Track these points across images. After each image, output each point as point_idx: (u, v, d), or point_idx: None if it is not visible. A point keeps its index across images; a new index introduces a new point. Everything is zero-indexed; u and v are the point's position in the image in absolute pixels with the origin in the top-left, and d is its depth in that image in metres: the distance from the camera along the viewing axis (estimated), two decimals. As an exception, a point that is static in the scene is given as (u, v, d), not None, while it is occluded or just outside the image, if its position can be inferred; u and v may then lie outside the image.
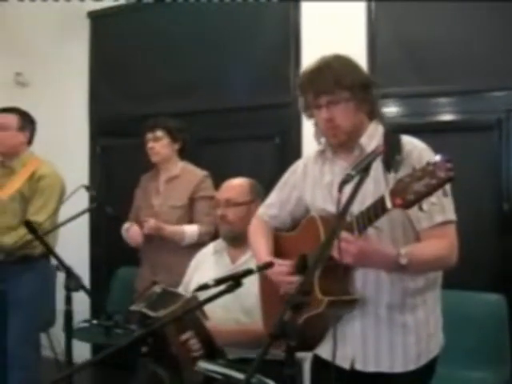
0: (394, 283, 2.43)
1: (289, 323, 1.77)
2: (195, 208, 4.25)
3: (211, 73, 5.23)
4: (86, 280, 5.93)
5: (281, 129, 4.85)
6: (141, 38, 5.61)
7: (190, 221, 4.24)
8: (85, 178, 5.94)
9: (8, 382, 3.67)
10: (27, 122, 4.25)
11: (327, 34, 4.55)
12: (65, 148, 5.96)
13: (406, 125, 4.26)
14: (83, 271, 5.98)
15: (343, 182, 2.06)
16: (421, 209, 1.95)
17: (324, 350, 2.59)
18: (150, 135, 4.33)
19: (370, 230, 2.29)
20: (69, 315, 2.92)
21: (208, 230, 4.16)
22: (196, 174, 4.32)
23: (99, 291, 5.68)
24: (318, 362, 2.64)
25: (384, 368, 2.45)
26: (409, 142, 2.41)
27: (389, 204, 2.03)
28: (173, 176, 4.34)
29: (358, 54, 4.38)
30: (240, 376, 2.32)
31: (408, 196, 1.94)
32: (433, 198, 1.93)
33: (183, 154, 4.43)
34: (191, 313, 3.01)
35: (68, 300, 2.92)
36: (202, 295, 2.51)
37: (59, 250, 5.17)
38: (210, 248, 3.62)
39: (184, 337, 3.02)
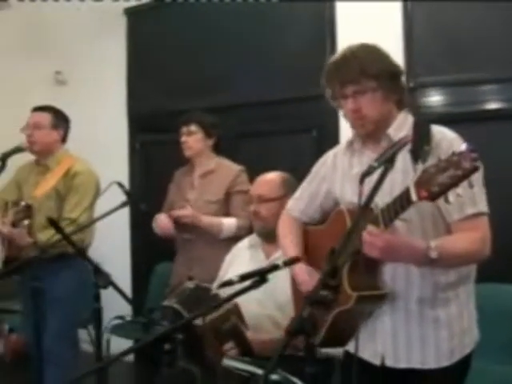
0: (424, 277, 2.36)
1: (307, 320, 1.71)
2: (231, 202, 4.21)
3: (249, 67, 5.20)
4: (127, 276, 6.02)
5: (318, 122, 4.79)
6: (177, 34, 5.60)
7: (226, 216, 4.21)
8: (125, 175, 5.98)
9: (44, 379, 3.68)
10: (61, 120, 4.26)
11: (363, 23, 4.49)
12: (104, 145, 5.99)
13: (450, 114, 4.20)
14: (124, 267, 6.05)
15: (365, 174, 2.01)
16: (447, 201, 1.89)
17: (354, 346, 2.53)
18: (184, 129, 4.32)
19: (399, 223, 2.23)
20: (98, 313, 2.91)
21: (245, 224, 4.11)
22: (232, 169, 4.29)
23: (140, 287, 5.71)
24: (348, 357, 2.58)
25: (415, 364, 2.39)
26: (439, 131, 2.34)
27: (414, 196, 1.97)
28: (208, 171, 4.31)
29: (395, 43, 4.38)
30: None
31: (433, 188, 1.88)
32: (459, 190, 1.86)
33: (218, 149, 4.40)
34: (231, 322, 2.99)
35: (97, 297, 2.91)
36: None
37: (99, 246, 5.30)
38: (245, 243, 3.60)
39: (225, 348, 2.99)
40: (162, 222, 4.25)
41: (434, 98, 4.41)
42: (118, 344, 3.79)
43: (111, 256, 5.99)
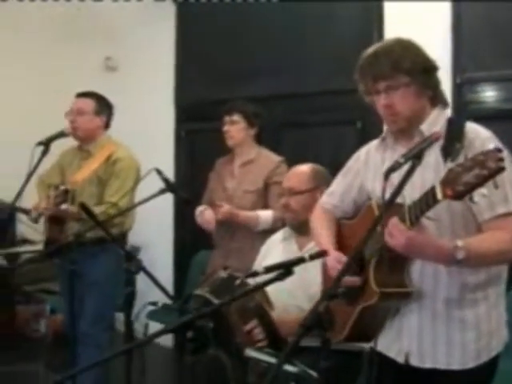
0: (452, 277, 2.32)
1: (323, 314, 1.71)
2: (269, 193, 4.21)
3: (294, 57, 5.19)
4: (169, 262, 6.08)
5: (362, 113, 4.75)
6: (225, 22, 5.61)
7: (265, 206, 4.21)
8: (170, 162, 6.04)
9: (79, 360, 3.75)
10: (104, 107, 4.31)
11: (410, 16, 4.43)
12: (151, 132, 6.07)
13: (499, 110, 4.14)
14: (167, 253, 6.12)
15: (390, 170, 1.99)
16: (472, 200, 1.86)
17: (380, 342, 2.52)
18: (226, 118, 4.33)
19: (427, 222, 2.20)
20: (129, 297, 2.95)
21: (282, 215, 4.11)
22: (271, 160, 4.29)
23: (181, 274, 5.76)
24: (374, 354, 2.57)
25: (441, 364, 2.36)
26: (473, 130, 2.30)
27: (439, 195, 1.95)
28: (248, 160, 4.32)
29: (443, 38, 4.32)
30: (287, 367, 2.28)
31: (458, 187, 1.86)
32: (483, 190, 1.83)
33: (260, 139, 4.39)
34: (255, 301, 3.01)
35: (128, 282, 2.95)
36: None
37: (144, 231, 5.37)
38: (279, 235, 3.60)
39: (249, 326, 3.01)
40: (207, 217, 4.28)
41: (482, 94, 4.34)
42: (157, 329, 3.83)
43: (155, 242, 6.09)
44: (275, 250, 3.51)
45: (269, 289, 3.16)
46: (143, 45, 6.13)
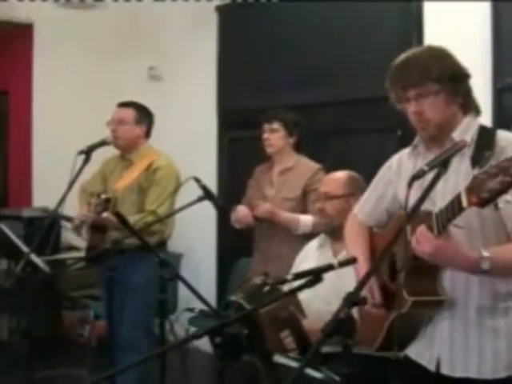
0: (483, 286, 2.30)
1: (344, 321, 1.72)
2: (308, 200, 4.23)
3: (335, 65, 5.18)
4: (212, 268, 6.14)
5: (403, 121, 4.72)
6: (267, 32, 5.64)
7: (303, 213, 4.23)
8: (213, 170, 6.09)
9: (118, 365, 3.80)
10: (144, 116, 4.39)
11: (450, 24, 4.38)
12: (194, 140, 6.15)
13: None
14: (210, 260, 6.17)
15: (414, 177, 2.00)
16: (496, 207, 1.85)
17: (413, 350, 2.51)
18: (266, 126, 4.37)
19: (457, 230, 2.19)
20: (163, 303, 3.00)
21: (321, 221, 4.12)
22: (310, 167, 4.31)
23: (225, 279, 5.80)
24: (408, 362, 2.56)
25: (472, 373, 2.32)
26: (505, 137, 2.29)
27: (465, 202, 1.94)
28: (286, 168, 4.34)
29: (482, 43, 4.28)
30: (312, 372, 2.29)
31: (482, 194, 1.85)
32: (508, 196, 1.83)
33: (299, 147, 4.42)
34: (288, 311, 3.03)
35: (163, 289, 3.00)
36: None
37: (187, 238, 5.44)
38: (315, 242, 3.65)
39: (281, 335, 3.03)
40: (240, 212, 4.32)
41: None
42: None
43: (198, 248, 6.16)
44: (311, 256, 3.55)
45: (303, 296, 3.19)
46: (186, 54, 6.22)
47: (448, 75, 2.34)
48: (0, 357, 4.79)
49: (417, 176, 2.01)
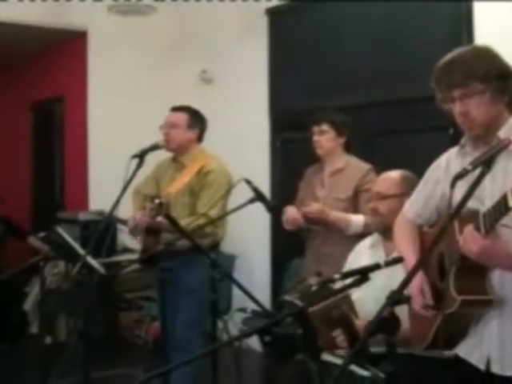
0: None
1: (387, 319, 1.73)
2: (359, 200, 4.23)
3: (387, 65, 5.17)
4: (267, 269, 6.18)
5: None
6: (316, 33, 5.66)
7: (355, 214, 4.23)
8: (266, 172, 6.13)
9: (169, 363, 3.87)
10: (196, 120, 4.44)
11: (500, 25, 4.34)
12: (247, 142, 6.21)
13: None
14: (265, 261, 6.21)
15: (457, 177, 2.00)
16: None
17: (462, 349, 2.51)
18: (315, 128, 4.38)
19: (506, 230, 2.19)
20: (213, 303, 3.05)
21: (372, 220, 4.12)
22: (360, 168, 4.31)
23: (280, 280, 5.83)
24: (458, 361, 2.55)
25: None
26: None
27: (511, 202, 1.94)
28: (337, 169, 4.35)
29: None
30: (358, 370, 2.31)
31: None
32: None
33: (348, 148, 4.42)
34: (339, 309, 3.04)
35: (213, 289, 3.04)
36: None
37: (241, 239, 5.50)
38: (367, 241, 3.63)
39: (333, 334, 3.04)
40: (290, 212, 4.34)
41: None
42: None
43: (253, 249, 6.21)
44: (363, 256, 3.53)
45: (356, 296, 3.20)
46: (237, 56, 6.28)
47: (494, 74, 2.33)
48: (58, 357, 4.90)
49: (460, 175, 2.02)
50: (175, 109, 4.47)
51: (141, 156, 3.96)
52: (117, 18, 6.23)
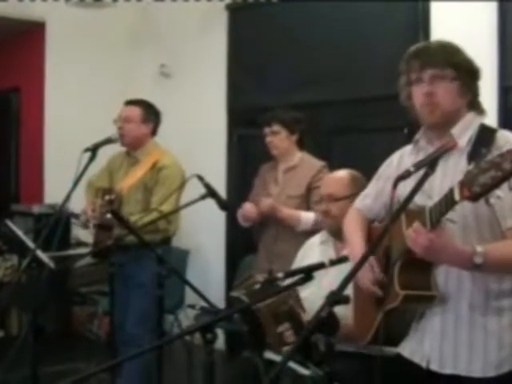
0: (475, 283, 2.31)
1: (326, 319, 1.74)
2: (311, 198, 4.25)
3: (343, 64, 5.22)
4: (221, 265, 6.17)
5: (409, 119, 4.73)
6: (276, 30, 5.68)
7: (307, 211, 4.24)
8: (222, 167, 6.13)
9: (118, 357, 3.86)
10: (151, 114, 4.42)
11: (456, 25, 4.40)
12: (203, 137, 6.20)
13: None
14: (219, 257, 6.20)
15: (399, 178, 2.01)
16: (487, 203, 1.88)
17: (406, 348, 2.52)
18: (267, 130, 4.38)
19: (452, 226, 2.23)
20: (160, 299, 3.04)
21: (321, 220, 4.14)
22: (314, 165, 4.32)
23: (233, 277, 5.82)
24: (401, 359, 2.56)
25: (461, 371, 2.33)
26: (504, 136, 2.32)
27: (457, 196, 1.97)
28: (291, 166, 4.36)
29: (489, 43, 4.28)
30: (300, 369, 2.31)
31: (474, 188, 1.88)
32: (499, 192, 1.85)
33: (301, 144, 4.42)
34: (287, 305, 3.05)
35: (160, 285, 3.04)
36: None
37: (195, 235, 5.47)
38: (316, 238, 3.64)
39: (280, 329, 3.04)
40: (246, 207, 4.35)
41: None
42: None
43: (207, 245, 6.20)
44: (313, 253, 3.54)
45: (304, 294, 3.21)
46: (196, 52, 6.25)
47: (465, 67, 2.39)
48: (9, 352, 4.84)
49: (402, 177, 2.03)
50: (129, 102, 4.45)
51: (93, 150, 3.92)
52: (76, 9, 6.14)
